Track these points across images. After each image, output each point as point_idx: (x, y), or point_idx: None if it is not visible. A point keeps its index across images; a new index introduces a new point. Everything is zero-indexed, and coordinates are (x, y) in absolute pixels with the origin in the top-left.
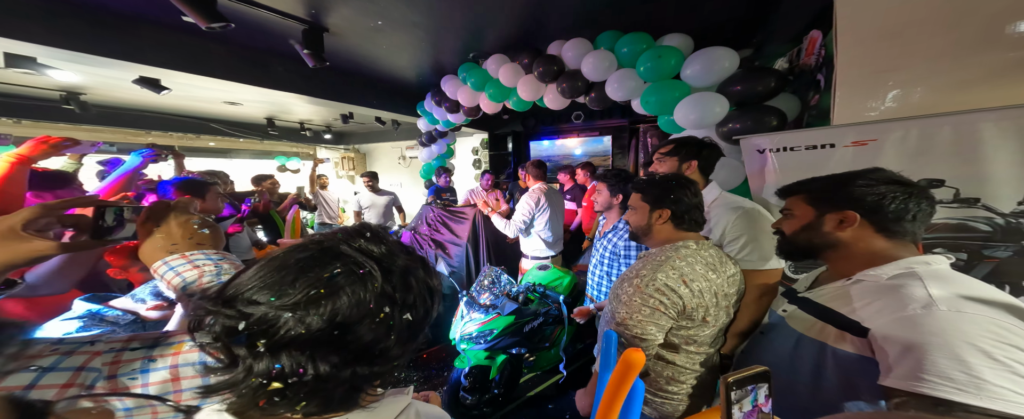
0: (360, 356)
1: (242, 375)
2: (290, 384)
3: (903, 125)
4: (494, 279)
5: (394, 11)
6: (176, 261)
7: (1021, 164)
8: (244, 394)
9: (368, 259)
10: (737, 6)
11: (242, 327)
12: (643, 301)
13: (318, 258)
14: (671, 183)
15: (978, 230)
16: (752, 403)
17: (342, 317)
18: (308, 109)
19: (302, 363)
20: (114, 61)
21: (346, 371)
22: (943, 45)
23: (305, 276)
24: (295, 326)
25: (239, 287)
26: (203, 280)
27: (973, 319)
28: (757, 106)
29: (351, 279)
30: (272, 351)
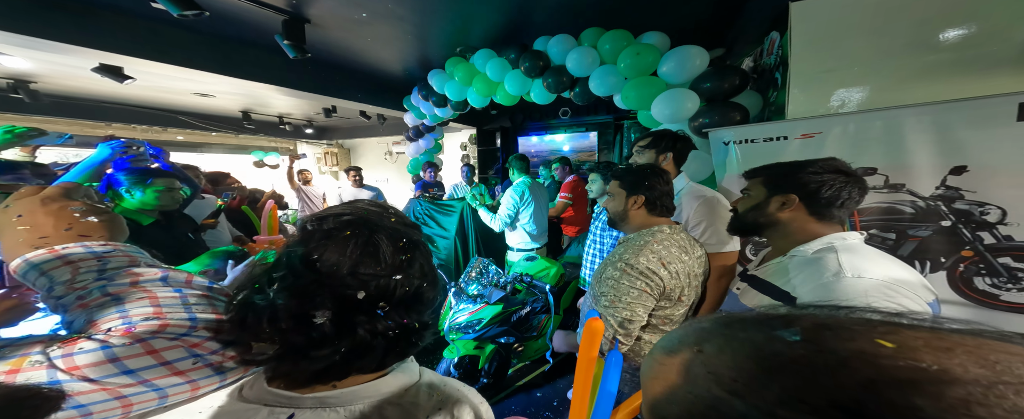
0: (430, 309)
1: (365, 338)
2: (405, 335)
3: (842, 120)
4: (482, 270)
5: (379, 3)
6: (39, 257)
7: (938, 153)
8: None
9: (413, 228)
10: (708, 7)
11: (362, 296)
12: (630, 284)
13: (387, 230)
14: (646, 172)
15: (904, 212)
16: None
17: (422, 276)
18: (287, 102)
19: (405, 316)
20: (71, 47)
21: (423, 321)
22: (876, 49)
23: (388, 247)
24: (401, 287)
25: (324, 267)
26: (77, 279)
27: (870, 282)
28: (724, 102)
29: (415, 244)
30: (391, 311)
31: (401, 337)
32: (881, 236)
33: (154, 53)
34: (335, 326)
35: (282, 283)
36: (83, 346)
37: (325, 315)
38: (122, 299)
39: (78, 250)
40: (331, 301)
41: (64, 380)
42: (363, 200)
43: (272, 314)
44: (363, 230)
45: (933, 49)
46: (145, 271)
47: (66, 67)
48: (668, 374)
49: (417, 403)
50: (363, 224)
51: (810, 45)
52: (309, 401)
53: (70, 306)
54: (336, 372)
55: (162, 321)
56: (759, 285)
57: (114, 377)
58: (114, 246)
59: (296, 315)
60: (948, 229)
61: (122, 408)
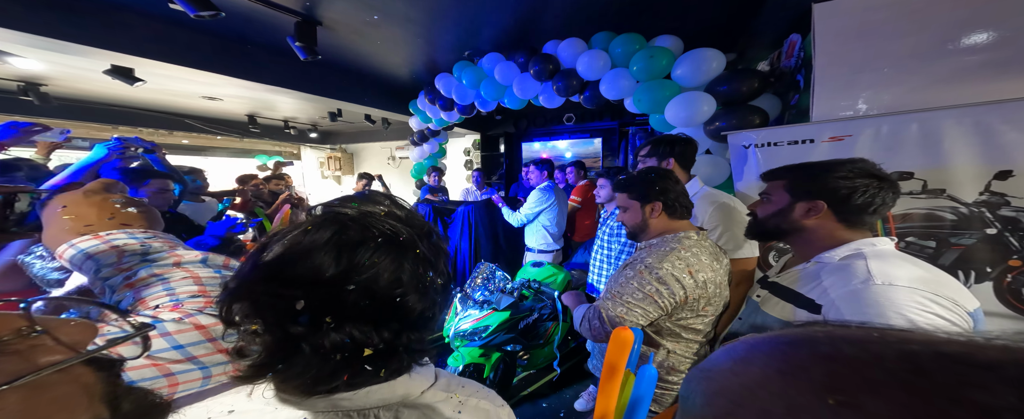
0: (412, 323)
1: (308, 354)
2: (355, 355)
3: (875, 122)
4: (488, 275)
5: (392, 6)
6: (86, 242)
7: (980, 157)
8: (301, 375)
9: (403, 226)
10: (722, 11)
11: (301, 306)
12: (640, 285)
13: (359, 229)
14: (651, 176)
15: (944, 219)
16: None
17: (397, 285)
18: (293, 106)
19: (368, 334)
20: (86, 48)
21: (404, 337)
22: (907, 49)
23: (359, 247)
24: (359, 298)
25: (279, 265)
26: (123, 261)
27: (903, 290)
28: (742, 105)
29: (395, 246)
30: (339, 325)
31: (354, 359)
32: (920, 244)
33: (167, 55)
34: (273, 338)
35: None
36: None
37: (254, 325)
38: (167, 278)
39: (122, 236)
40: (265, 309)
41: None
42: (375, 193)
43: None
44: (325, 227)
45: (967, 50)
46: (186, 253)
47: (77, 69)
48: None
49: (434, 407)
50: (329, 220)
51: (835, 46)
52: (322, 403)
53: (117, 286)
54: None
55: (207, 298)
56: (781, 292)
57: (164, 352)
58: (153, 233)
59: (230, 320)
60: (994, 237)
61: (168, 387)
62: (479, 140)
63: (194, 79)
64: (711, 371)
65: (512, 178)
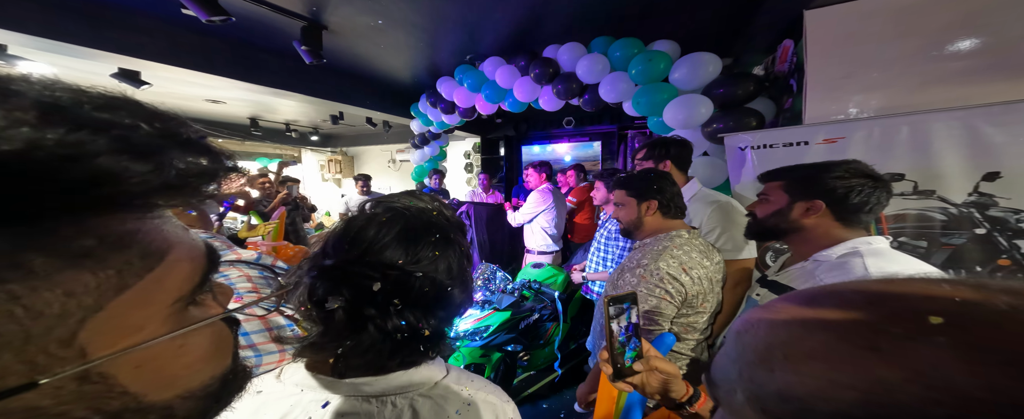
0: (453, 312)
1: (372, 334)
2: (414, 337)
3: (867, 124)
4: (489, 276)
5: (396, 11)
6: None
7: (969, 159)
8: (363, 353)
9: (449, 223)
10: (718, 16)
11: (377, 288)
12: (648, 291)
13: (423, 225)
14: (650, 175)
15: (935, 220)
16: (627, 319)
17: (450, 276)
18: (295, 109)
19: (424, 320)
20: (95, 52)
21: (445, 326)
22: (896, 54)
23: (422, 240)
24: (421, 285)
25: (364, 251)
26: None
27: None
28: (738, 108)
29: (449, 241)
30: (404, 308)
31: (409, 341)
32: (912, 244)
33: (176, 58)
34: (347, 316)
35: (312, 262)
36: None
37: (337, 301)
38: (227, 276)
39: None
40: (347, 289)
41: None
42: (415, 193)
43: (303, 294)
44: (397, 220)
45: (953, 56)
46: (243, 252)
47: (84, 73)
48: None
49: (446, 397)
50: (400, 213)
51: (826, 51)
52: (345, 387)
53: None
54: (361, 369)
55: (259, 295)
56: (780, 291)
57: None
58: (210, 234)
59: (316, 297)
60: (983, 237)
61: None
62: (479, 143)
63: (198, 82)
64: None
65: (512, 181)
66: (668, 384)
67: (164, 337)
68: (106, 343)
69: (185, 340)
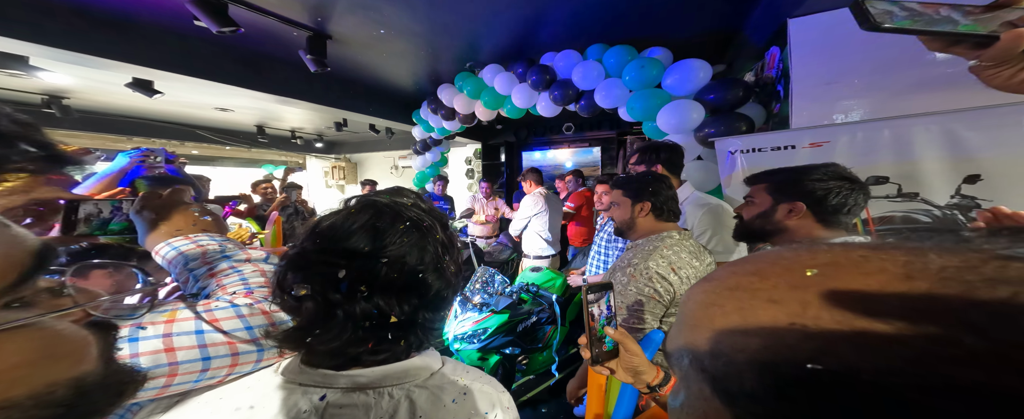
0: (429, 302)
1: (342, 321)
2: (382, 324)
3: (850, 129)
4: (487, 279)
5: (397, 20)
6: (178, 241)
7: (949, 162)
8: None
9: (425, 215)
10: (707, 24)
11: (342, 275)
12: (638, 290)
13: (392, 214)
14: (647, 178)
15: (920, 221)
16: (606, 305)
17: (421, 263)
18: (300, 117)
19: (391, 306)
20: (111, 62)
21: (421, 315)
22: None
23: (390, 229)
24: (388, 271)
25: (324, 241)
26: (206, 257)
27: None
28: (729, 113)
29: (420, 230)
30: (372, 294)
31: (378, 328)
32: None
33: (188, 67)
34: (315, 303)
35: (285, 256)
36: (218, 304)
37: (302, 289)
38: (241, 270)
39: (205, 239)
40: (315, 276)
41: (206, 330)
42: (402, 188)
43: (277, 285)
44: (366, 210)
45: (929, 63)
46: (253, 252)
47: (100, 82)
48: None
49: (443, 387)
50: (370, 204)
51: (809, 59)
52: (342, 380)
53: (202, 276)
54: (338, 360)
55: (271, 289)
56: None
57: (239, 331)
58: (224, 237)
59: (285, 285)
60: None
61: (230, 367)
62: (480, 149)
63: (208, 90)
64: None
65: (513, 187)
66: (638, 367)
67: None
68: None
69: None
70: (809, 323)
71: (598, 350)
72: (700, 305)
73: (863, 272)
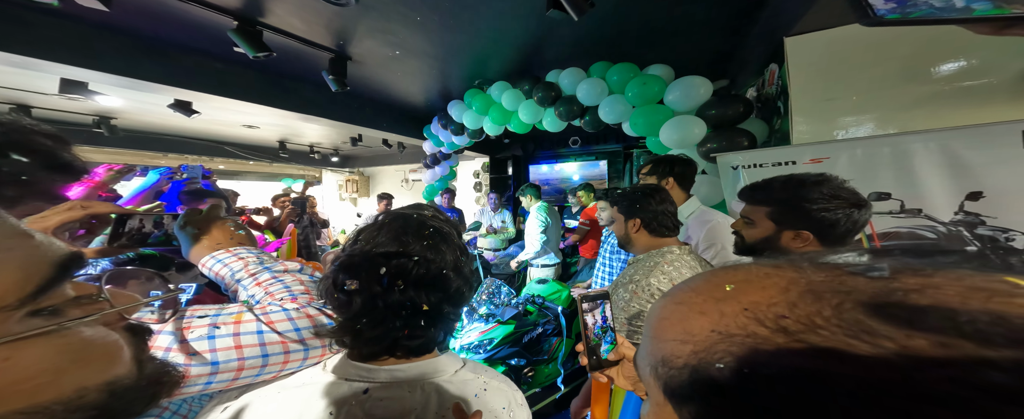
0: (450, 296)
1: (383, 310)
2: (415, 313)
3: (850, 145)
4: (494, 291)
5: (411, 42)
6: (221, 254)
7: (950, 179)
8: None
9: (445, 224)
10: (707, 42)
11: (383, 272)
12: (640, 306)
13: (418, 223)
14: (637, 193)
15: (925, 238)
16: (601, 314)
17: (444, 263)
18: (319, 132)
19: (421, 298)
20: (157, 86)
21: (445, 307)
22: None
23: (416, 234)
24: (418, 268)
25: (367, 246)
26: (249, 267)
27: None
28: (731, 128)
29: (442, 236)
30: (406, 287)
31: (413, 315)
32: None
33: (225, 89)
34: (361, 296)
35: (337, 260)
36: (272, 308)
37: (353, 284)
38: (283, 280)
39: (243, 251)
40: (361, 273)
41: (265, 331)
42: (421, 203)
43: (329, 284)
44: (398, 220)
45: (928, 80)
46: (288, 263)
47: (145, 104)
48: (685, 315)
49: (466, 382)
50: (399, 217)
51: (808, 76)
52: (383, 374)
53: (249, 286)
54: (384, 343)
55: (310, 296)
56: None
57: (290, 332)
58: (259, 250)
59: (338, 283)
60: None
61: (282, 364)
62: (488, 163)
63: (239, 109)
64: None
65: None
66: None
67: None
68: None
69: (8, 351)
70: (722, 330)
71: (595, 358)
72: (656, 318)
73: (761, 286)
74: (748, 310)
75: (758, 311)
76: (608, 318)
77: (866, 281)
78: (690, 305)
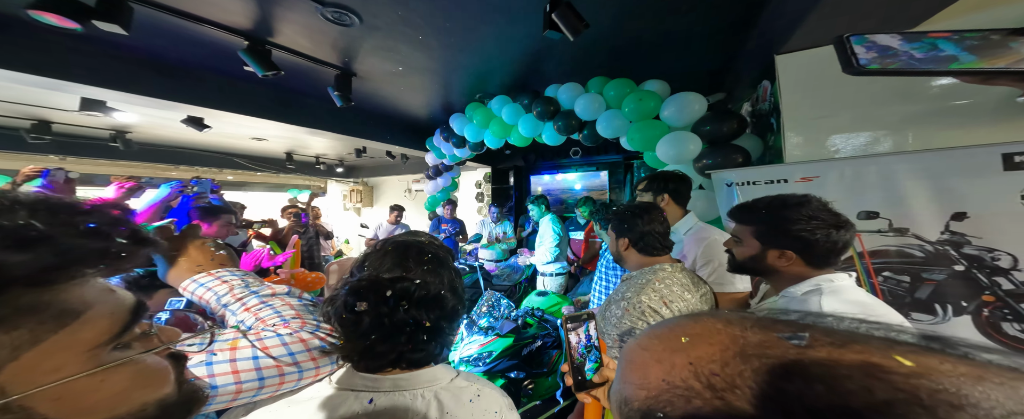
0: (447, 314)
1: (389, 327)
2: (418, 329)
3: (839, 165)
4: (494, 303)
5: (414, 59)
6: (204, 278)
7: (934, 200)
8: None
9: (440, 249)
10: (701, 59)
11: (389, 294)
12: (631, 324)
13: (418, 249)
14: (626, 213)
15: (914, 256)
16: (585, 333)
17: (441, 284)
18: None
19: (423, 317)
20: (171, 103)
21: (443, 324)
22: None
23: (416, 260)
24: (420, 290)
25: (374, 271)
26: (235, 292)
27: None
28: (726, 145)
29: (440, 260)
30: (410, 307)
31: (415, 331)
32: (896, 278)
33: (232, 105)
34: (370, 316)
35: (346, 284)
36: (266, 334)
37: (363, 306)
38: (272, 305)
39: (226, 273)
40: (370, 296)
41: (260, 356)
42: (418, 231)
43: (340, 306)
44: (399, 248)
45: (917, 99)
46: (276, 287)
47: (158, 119)
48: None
49: (461, 389)
50: (401, 244)
51: (799, 94)
52: (387, 383)
53: (237, 311)
54: (390, 357)
55: (302, 320)
56: None
57: (284, 357)
58: (243, 272)
59: (349, 305)
60: (962, 273)
61: (278, 385)
62: (490, 173)
63: (248, 123)
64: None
65: (521, 210)
66: None
67: (73, 377)
68: (23, 383)
69: (104, 376)
70: (670, 380)
71: (580, 378)
72: (625, 361)
73: (709, 342)
74: (692, 364)
75: (699, 366)
76: (593, 337)
77: (787, 347)
78: (651, 352)
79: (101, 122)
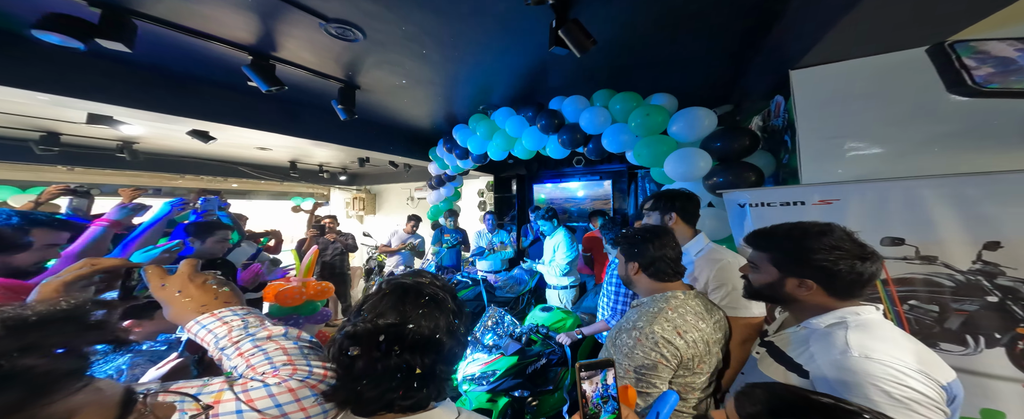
0: (443, 357)
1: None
2: (409, 375)
3: (860, 187)
4: (498, 320)
5: (416, 72)
6: (206, 320)
7: (964, 228)
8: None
9: (440, 290)
10: (710, 73)
11: (381, 339)
12: (644, 354)
13: (415, 292)
14: (637, 237)
15: (943, 285)
16: (602, 382)
17: (437, 327)
18: (328, 153)
19: (416, 361)
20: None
21: (438, 367)
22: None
23: (412, 302)
24: (413, 334)
25: (370, 315)
26: (232, 334)
27: (877, 365)
28: (737, 162)
29: (436, 302)
30: (402, 352)
31: (407, 377)
32: (924, 308)
33: (236, 118)
34: (363, 361)
35: (342, 328)
36: (252, 385)
37: (355, 350)
38: (265, 350)
39: (228, 313)
40: (363, 341)
41: (244, 410)
42: (420, 270)
43: (335, 351)
44: (397, 290)
45: (939, 118)
46: (273, 328)
47: (164, 131)
48: None
49: None
50: (399, 286)
51: (814, 111)
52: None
53: (231, 355)
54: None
55: (293, 367)
56: (775, 353)
57: (271, 409)
58: (246, 310)
59: (343, 350)
60: (996, 304)
61: None
62: (492, 182)
63: (252, 134)
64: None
65: (524, 219)
66: None
67: None
68: None
69: None
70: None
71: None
72: None
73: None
74: None
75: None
76: (610, 386)
77: None
78: None
79: (109, 134)
